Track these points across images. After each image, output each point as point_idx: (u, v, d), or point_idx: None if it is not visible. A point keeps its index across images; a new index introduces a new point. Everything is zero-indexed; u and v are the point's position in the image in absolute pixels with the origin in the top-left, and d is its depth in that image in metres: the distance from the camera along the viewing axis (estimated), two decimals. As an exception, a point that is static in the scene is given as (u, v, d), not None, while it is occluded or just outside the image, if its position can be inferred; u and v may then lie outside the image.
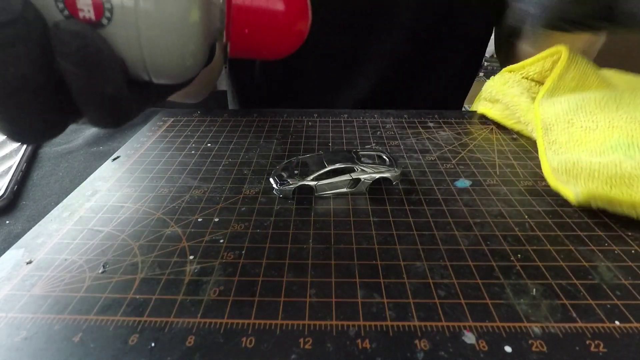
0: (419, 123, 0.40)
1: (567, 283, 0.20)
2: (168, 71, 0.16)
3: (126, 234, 0.23)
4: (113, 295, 0.19)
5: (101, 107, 0.15)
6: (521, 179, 0.29)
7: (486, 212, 0.25)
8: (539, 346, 0.16)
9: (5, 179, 0.29)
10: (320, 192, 0.27)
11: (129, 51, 0.15)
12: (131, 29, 0.14)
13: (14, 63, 0.12)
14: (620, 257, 0.21)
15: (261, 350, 0.16)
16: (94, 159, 0.34)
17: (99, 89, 0.14)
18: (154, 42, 0.15)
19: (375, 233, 0.23)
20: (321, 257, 0.21)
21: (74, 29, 0.13)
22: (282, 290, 0.19)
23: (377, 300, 0.19)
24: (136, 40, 0.14)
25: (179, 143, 0.36)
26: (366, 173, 0.27)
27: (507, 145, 0.35)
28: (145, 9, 0.14)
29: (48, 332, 0.17)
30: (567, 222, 0.24)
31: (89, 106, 0.15)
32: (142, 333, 0.17)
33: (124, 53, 0.15)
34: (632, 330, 0.17)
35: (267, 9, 0.17)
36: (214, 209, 0.26)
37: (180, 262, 0.21)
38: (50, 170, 0.33)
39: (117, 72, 0.15)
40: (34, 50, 0.13)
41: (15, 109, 0.13)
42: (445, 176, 0.30)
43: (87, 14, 0.13)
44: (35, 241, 0.23)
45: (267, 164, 0.32)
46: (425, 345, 0.16)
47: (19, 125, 0.14)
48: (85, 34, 0.13)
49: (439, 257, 0.21)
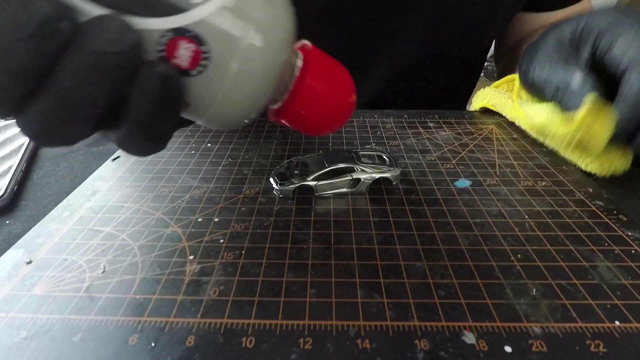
0: (419, 123, 0.40)
1: (567, 283, 0.20)
2: (226, 124, 0.16)
3: (126, 234, 0.23)
4: (113, 295, 0.19)
5: (145, 140, 0.15)
6: (521, 179, 0.29)
7: (486, 212, 0.25)
8: (539, 346, 0.16)
9: (5, 179, 0.29)
10: (320, 192, 0.27)
11: (199, 101, 0.15)
12: (215, 85, 0.14)
13: (96, 85, 0.13)
14: (620, 257, 0.21)
15: (261, 350, 0.16)
16: (94, 159, 0.34)
17: (155, 126, 0.15)
18: (230, 100, 0.15)
19: (375, 233, 0.23)
20: (321, 257, 0.21)
21: (166, 73, 0.13)
22: (282, 290, 0.19)
23: (377, 300, 0.19)
24: (213, 95, 0.15)
25: (179, 143, 0.36)
26: (366, 173, 0.27)
27: (507, 145, 0.35)
28: (238, 71, 0.14)
29: (48, 332, 0.17)
30: (567, 222, 0.24)
31: (134, 135, 0.15)
32: (142, 333, 0.17)
33: (193, 101, 0.15)
34: (632, 330, 0.17)
35: (334, 100, 0.18)
36: (214, 209, 0.26)
37: (180, 262, 0.21)
38: (50, 170, 0.33)
39: (178, 115, 0.15)
40: (120, 78, 0.13)
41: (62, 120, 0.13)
42: (445, 176, 0.30)
43: (181, 62, 0.13)
44: (35, 241, 0.23)
45: (267, 164, 0.32)
46: (425, 345, 0.16)
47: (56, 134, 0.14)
48: (174, 80, 0.14)
49: (439, 257, 0.21)
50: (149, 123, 0.14)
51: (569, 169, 0.31)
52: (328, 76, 0.18)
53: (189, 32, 0.13)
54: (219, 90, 0.14)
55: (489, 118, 0.41)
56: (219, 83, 0.14)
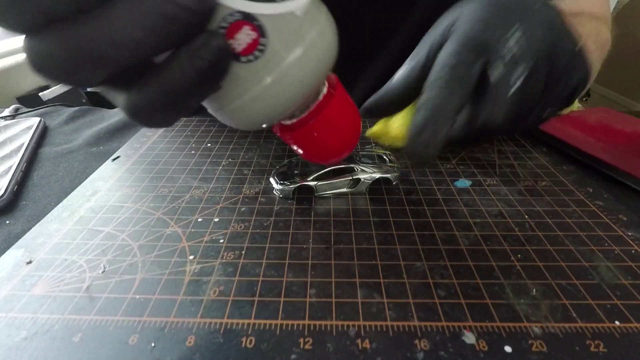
0: (419, 123, 0.40)
1: (567, 283, 0.20)
2: (242, 122, 0.16)
3: (126, 234, 0.23)
4: (113, 295, 0.19)
5: (166, 108, 0.15)
6: (521, 179, 0.29)
7: (486, 212, 0.25)
8: (539, 346, 0.16)
9: (5, 179, 0.29)
10: (320, 192, 0.27)
11: (232, 90, 0.15)
12: (255, 79, 0.14)
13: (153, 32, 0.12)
14: (620, 257, 0.21)
15: (261, 350, 0.16)
16: (94, 159, 0.34)
17: (184, 96, 0.14)
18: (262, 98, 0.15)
19: (375, 233, 0.23)
20: (321, 257, 0.21)
21: (224, 47, 0.13)
22: (282, 290, 0.19)
23: (377, 300, 0.19)
24: (249, 88, 0.15)
25: (179, 143, 0.36)
26: (366, 173, 0.27)
27: (507, 145, 0.35)
28: (283, 73, 0.14)
29: (48, 332, 0.17)
30: (567, 222, 0.24)
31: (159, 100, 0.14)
32: (142, 333, 0.17)
33: (226, 88, 0.15)
34: (632, 330, 0.17)
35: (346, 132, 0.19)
36: (214, 209, 0.26)
37: (180, 262, 0.21)
38: (50, 170, 0.33)
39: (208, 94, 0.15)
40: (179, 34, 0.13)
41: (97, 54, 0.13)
42: (445, 176, 0.30)
43: (236, 46, 0.14)
44: (35, 241, 0.23)
45: (267, 164, 0.32)
46: (425, 345, 0.16)
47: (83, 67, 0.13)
48: (226, 57, 0.14)
49: (439, 257, 0.21)
50: (182, 91, 0.14)
51: (569, 169, 0.31)
52: (347, 109, 0.19)
53: (256, 21, 0.13)
54: (256, 85, 0.14)
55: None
56: (260, 78, 0.14)
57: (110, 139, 0.38)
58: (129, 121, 0.41)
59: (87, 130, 0.40)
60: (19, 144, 0.35)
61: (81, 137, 0.39)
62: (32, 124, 0.39)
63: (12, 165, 0.32)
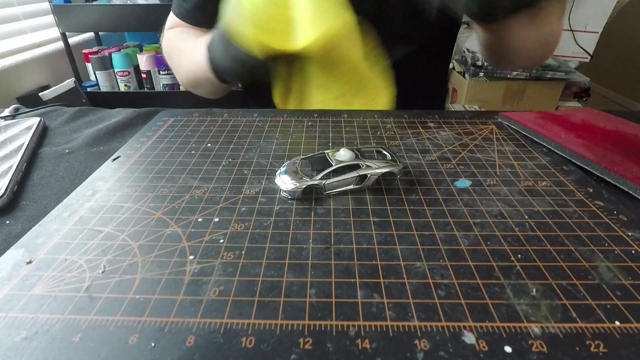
0: (419, 123, 0.40)
1: (567, 283, 0.20)
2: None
3: (126, 234, 0.23)
4: (113, 295, 0.19)
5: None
6: (521, 179, 0.29)
7: (486, 212, 0.25)
8: (539, 346, 0.16)
9: (5, 179, 0.29)
10: (329, 190, 0.27)
11: None
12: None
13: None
14: (620, 257, 0.21)
15: (261, 350, 0.16)
16: (94, 159, 0.34)
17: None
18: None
19: (375, 233, 0.23)
20: (321, 257, 0.21)
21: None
22: (282, 290, 0.19)
23: (377, 300, 0.19)
24: None
25: (179, 143, 0.36)
26: (372, 169, 0.27)
27: (507, 145, 0.35)
28: None
29: (48, 332, 0.17)
30: (567, 222, 0.24)
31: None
32: (142, 333, 0.17)
33: None
34: (632, 330, 0.17)
35: None
36: (214, 209, 0.26)
37: (180, 262, 0.21)
38: (50, 170, 0.33)
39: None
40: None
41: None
42: (445, 176, 0.30)
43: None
44: (35, 241, 0.23)
45: (267, 164, 0.32)
46: (425, 345, 0.16)
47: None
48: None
49: (439, 257, 0.21)
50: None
51: (569, 169, 0.31)
52: None
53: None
54: None
55: (489, 118, 0.41)
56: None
57: (110, 139, 0.38)
58: (129, 121, 0.41)
59: (87, 130, 0.40)
60: (18, 144, 0.35)
61: (81, 137, 0.39)
62: (32, 124, 0.39)
63: (12, 165, 0.32)
